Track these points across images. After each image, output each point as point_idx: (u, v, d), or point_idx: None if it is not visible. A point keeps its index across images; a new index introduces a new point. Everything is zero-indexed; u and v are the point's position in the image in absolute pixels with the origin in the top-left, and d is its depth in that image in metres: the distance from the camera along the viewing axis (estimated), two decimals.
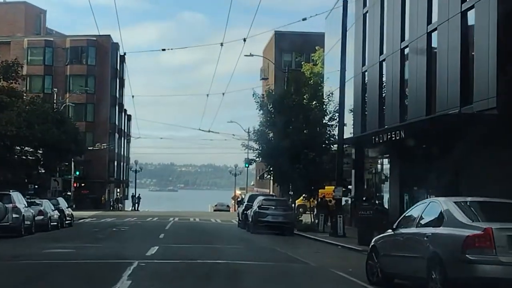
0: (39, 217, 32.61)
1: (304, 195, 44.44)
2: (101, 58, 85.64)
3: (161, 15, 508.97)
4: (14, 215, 28.36)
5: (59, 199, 41.24)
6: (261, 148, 41.70)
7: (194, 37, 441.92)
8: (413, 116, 27.86)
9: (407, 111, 29.40)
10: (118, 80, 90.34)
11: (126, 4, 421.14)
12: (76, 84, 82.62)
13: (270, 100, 41.16)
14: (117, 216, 54.72)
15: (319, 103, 40.51)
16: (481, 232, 11.08)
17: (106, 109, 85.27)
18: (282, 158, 37.58)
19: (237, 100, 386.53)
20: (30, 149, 44.99)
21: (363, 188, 37.57)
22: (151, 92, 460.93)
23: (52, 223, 34.91)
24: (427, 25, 27.15)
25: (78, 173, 71.28)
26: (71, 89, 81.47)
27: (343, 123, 32.84)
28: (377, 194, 35.95)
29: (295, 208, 43.22)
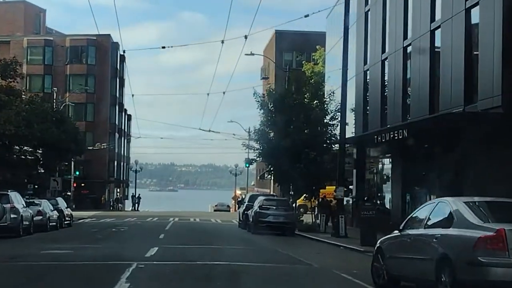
0: (37, 218, 32.46)
1: (305, 195, 44.28)
2: (101, 58, 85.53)
3: (161, 15, 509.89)
4: (12, 215, 28.21)
5: (58, 199, 41.11)
6: (261, 148, 41.45)
7: (194, 37, 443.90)
8: (415, 115, 27.57)
9: (409, 110, 29.14)
10: (118, 80, 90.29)
11: (126, 4, 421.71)
12: (76, 83, 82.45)
13: (271, 100, 40.88)
14: (117, 216, 54.53)
15: (320, 102, 40.32)
16: (493, 234, 10.75)
17: (106, 109, 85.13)
18: (283, 158, 37.33)
19: (238, 99, 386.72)
20: (30, 149, 44.75)
21: (365, 188, 37.33)
22: (151, 91, 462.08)
23: (51, 224, 34.70)
24: (430, 23, 26.85)
25: (78, 173, 71.27)
26: (71, 89, 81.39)
27: (345, 122, 32.53)
28: (379, 194, 35.74)
29: (296, 208, 42.95)
